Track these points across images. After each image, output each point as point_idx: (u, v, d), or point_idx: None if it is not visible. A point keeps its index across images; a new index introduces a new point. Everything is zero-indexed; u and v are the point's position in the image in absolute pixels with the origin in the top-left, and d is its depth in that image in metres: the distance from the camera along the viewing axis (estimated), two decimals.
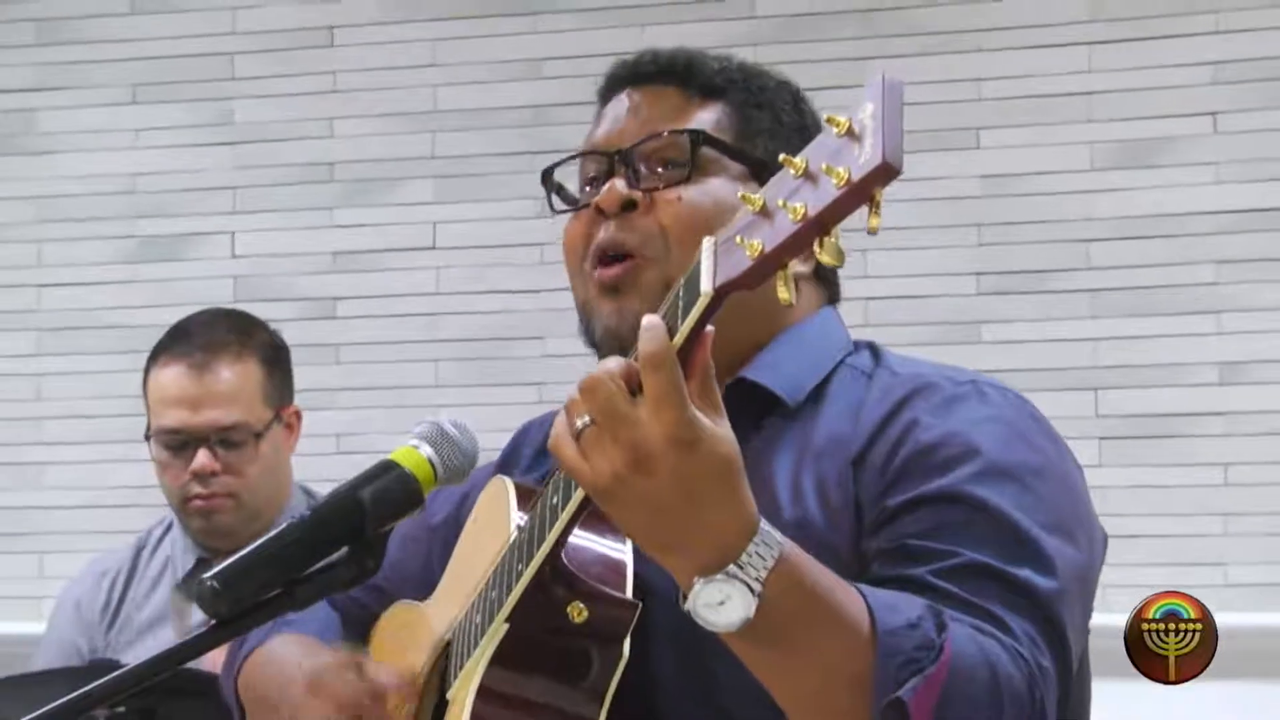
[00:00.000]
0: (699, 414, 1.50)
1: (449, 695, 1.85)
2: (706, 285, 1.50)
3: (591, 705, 1.74)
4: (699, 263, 1.52)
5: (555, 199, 1.99)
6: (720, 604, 1.53)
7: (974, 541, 1.71)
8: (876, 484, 1.79)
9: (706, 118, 1.95)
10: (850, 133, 1.42)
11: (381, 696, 1.96)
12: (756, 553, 1.53)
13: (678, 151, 1.91)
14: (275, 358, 3.44)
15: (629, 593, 1.77)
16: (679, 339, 1.51)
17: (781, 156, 1.47)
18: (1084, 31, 4.49)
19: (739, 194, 1.51)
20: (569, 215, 1.99)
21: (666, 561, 1.56)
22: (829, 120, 1.43)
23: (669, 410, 1.49)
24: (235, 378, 3.36)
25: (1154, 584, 4.19)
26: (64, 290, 5.00)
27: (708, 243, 1.52)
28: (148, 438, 3.40)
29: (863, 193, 1.40)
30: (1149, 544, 4.31)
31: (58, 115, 5.03)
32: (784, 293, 1.46)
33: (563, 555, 1.74)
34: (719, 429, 1.53)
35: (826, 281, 1.99)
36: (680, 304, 1.53)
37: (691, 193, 1.89)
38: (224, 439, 3.33)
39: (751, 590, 1.52)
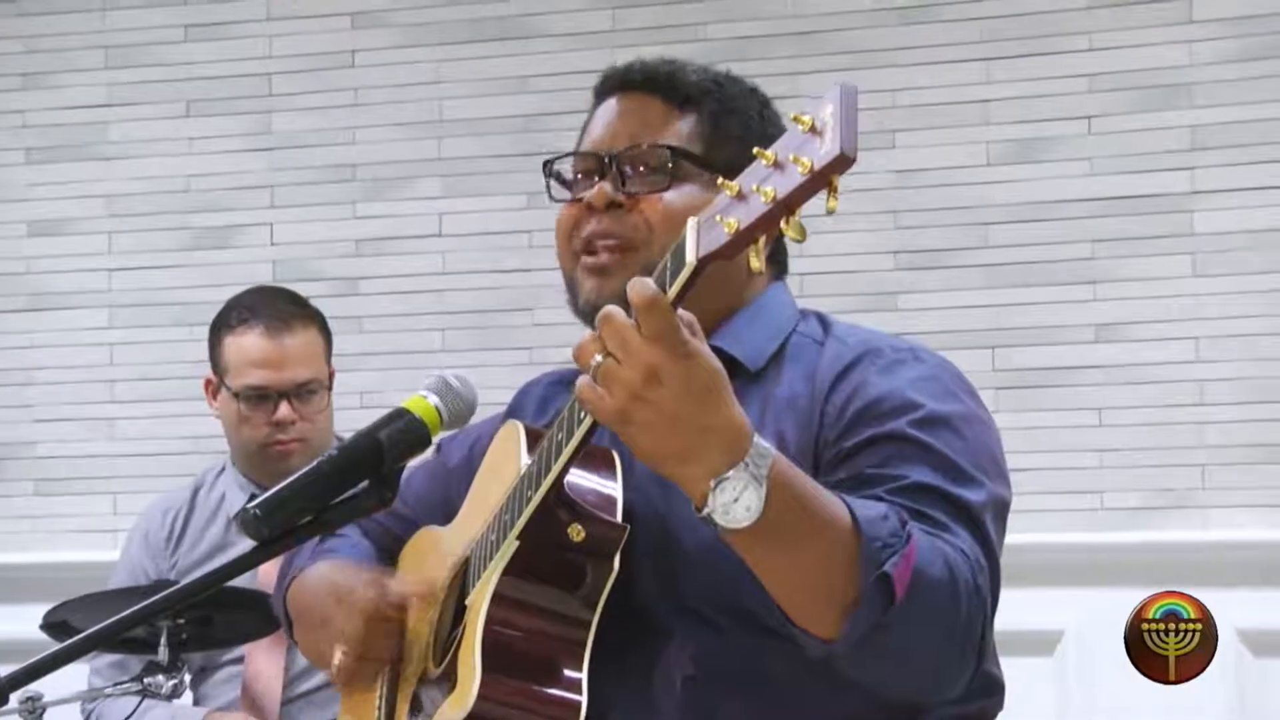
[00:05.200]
0: (690, 335, 1.48)
1: (467, 601, 1.85)
2: (691, 256, 1.47)
3: (586, 610, 1.74)
4: (684, 238, 1.49)
5: (554, 187, 1.95)
6: (735, 500, 1.49)
7: (918, 469, 1.72)
8: (831, 432, 1.78)
9: (684, 127, 1.91)
10: (813, 129, 1.40)
11: (400, 605, 1.96)
12: (758, 451, 1.50)
13: (658, 162, 1.88)
14: (325, 325, 3.45)
15: (619, 518, 1.76)
16: (668, 300, 1.48)
17: (755, 150, 1.45)
18: (980, 50, 4.47)
19: (718, 182, 1.47)
20: (561, 203, 1.95)
21: (682, 473, 1.51)
22: (795, 119, 1.42)
23: (667, 338, 1.46)
24: (306, 340, 3.36)
25: (1042, 509, 4.24)
26: (131, 273, 4.96)
27: (691, 221, 1.50)
28: (234, 394, 3.34)
29: (823, 178, 1.39)
30: (1039, 475, 4.31)
31: (124, 126, 4.99)
32: (755, 263, 1.44)
33: (565, 485, 1.73)
34: (705, 348, 1.50)
35: (777, 260, 1.97)
36: (668, 272, 1.50)
37: (670, 196, 1.86)
38: (300, 392, 3.33)
39: (760, 483, 1.49)
